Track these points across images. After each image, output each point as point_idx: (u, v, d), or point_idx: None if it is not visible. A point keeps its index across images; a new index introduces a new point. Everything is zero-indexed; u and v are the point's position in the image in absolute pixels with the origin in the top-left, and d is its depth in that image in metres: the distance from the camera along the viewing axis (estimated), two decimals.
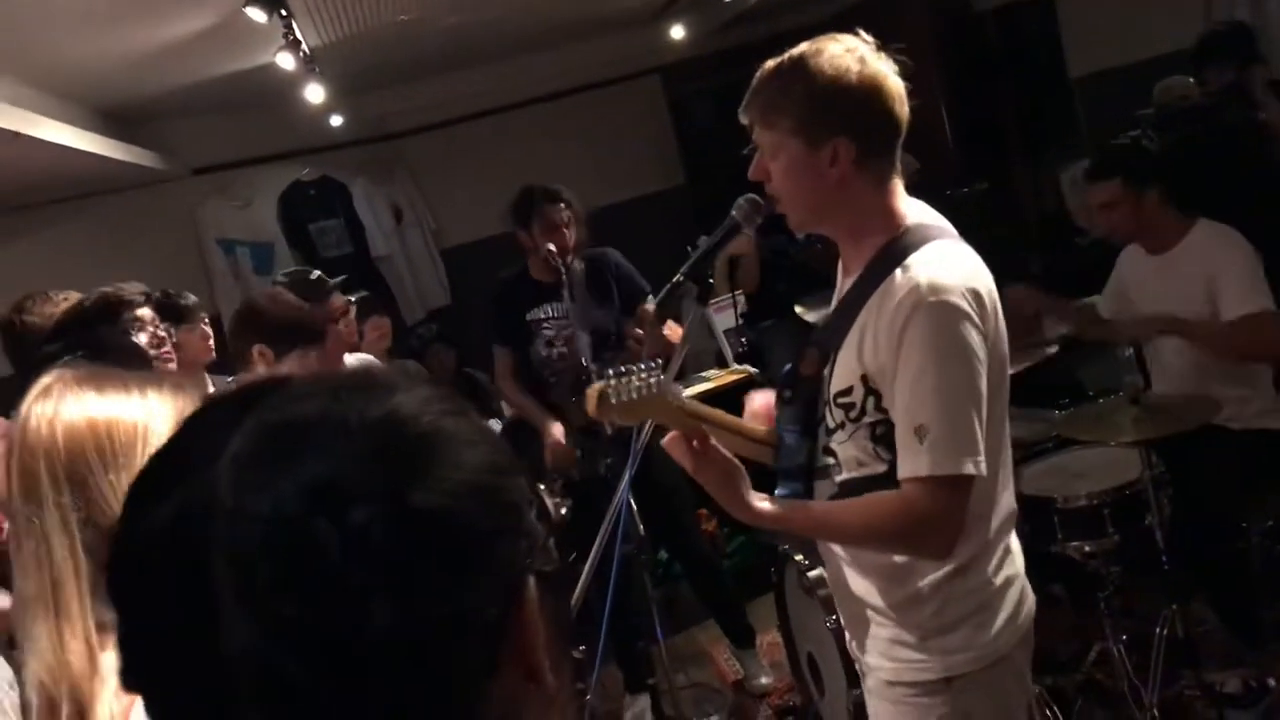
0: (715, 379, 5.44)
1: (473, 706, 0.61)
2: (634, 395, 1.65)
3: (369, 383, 0.64)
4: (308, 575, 0.55)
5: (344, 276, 3.87)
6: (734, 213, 1.88)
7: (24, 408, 1.30)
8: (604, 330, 4.02)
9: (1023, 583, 1.87)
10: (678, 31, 6.18)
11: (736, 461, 1.76)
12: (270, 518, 0.56)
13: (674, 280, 1.87)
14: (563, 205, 4.03)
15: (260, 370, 3.03)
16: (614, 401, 1.65)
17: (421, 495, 0.59)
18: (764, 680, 4.14)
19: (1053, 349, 3.77)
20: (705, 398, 1.93)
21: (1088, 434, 3.12)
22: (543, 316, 4.11)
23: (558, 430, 3.91)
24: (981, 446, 1.64)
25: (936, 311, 1.62)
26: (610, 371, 1.67)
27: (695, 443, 1.74)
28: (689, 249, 1.89)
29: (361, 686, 0.56)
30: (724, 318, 5.66)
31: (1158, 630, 3.01)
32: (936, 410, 1.62)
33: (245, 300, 3.13)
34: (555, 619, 0.68)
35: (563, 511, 3.18)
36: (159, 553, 0.59)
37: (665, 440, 1.78)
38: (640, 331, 3.88)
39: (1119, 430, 2.94)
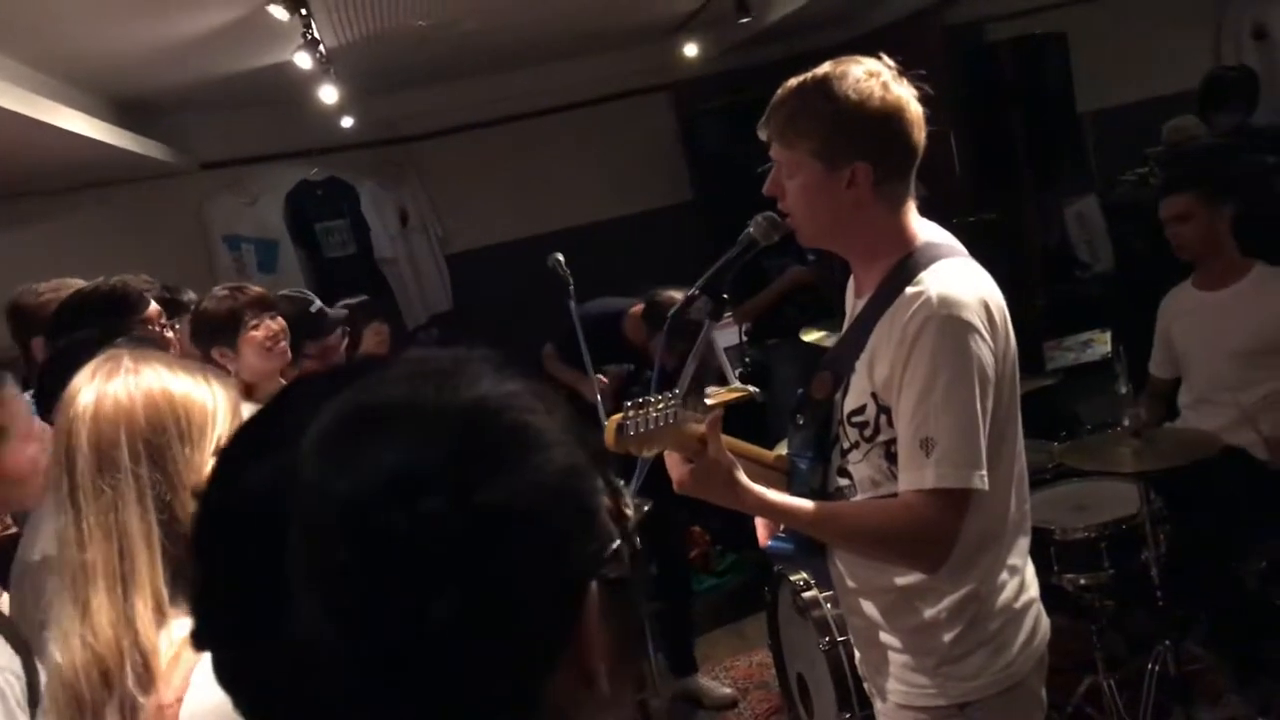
0: (716, 396, 5.41)
1: (526, 704, 0.61)
2: (651, 426, 1.64)
3: (459, 370, 0.64)
4: (376, 560, 0.56)
5: (345, 312, 3.80)
6: (751, 229, 1.89)
7: (85, 382, 1.32)
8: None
9: (1038, 607, 1.87)
10: (691, 49, 6.20)
11: (731, 457, 1.74)
12: (347, 499, 0.57)
13: (689, 293, 1.87)
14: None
15: (230, 370, 3.03)
16: (632, 433, 1.63)
17: (491, 492, 0.58)
18: (726, 690, 4.19)
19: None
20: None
21: (1088, 464, 3.13)
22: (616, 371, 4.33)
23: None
24: (985, 461, 1.65)
25: (947, 325, 1.63)
26: (627, 404, 1.65)
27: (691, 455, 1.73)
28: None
29: (418, 675, 0.56)
30: (726, 335, 5.66)
31: (1149, 666, 3.02)
32: (945, 423, 1.62)
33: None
34: (621, 626, 0.67)
35: (644, 509, 3.15)
36: (241, 518, 0.60)
37: (667, 459, 1.77)
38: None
39: (1119, 461, 2.95)
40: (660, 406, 1.64)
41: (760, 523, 2.00)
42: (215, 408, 1.34)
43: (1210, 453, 2.94)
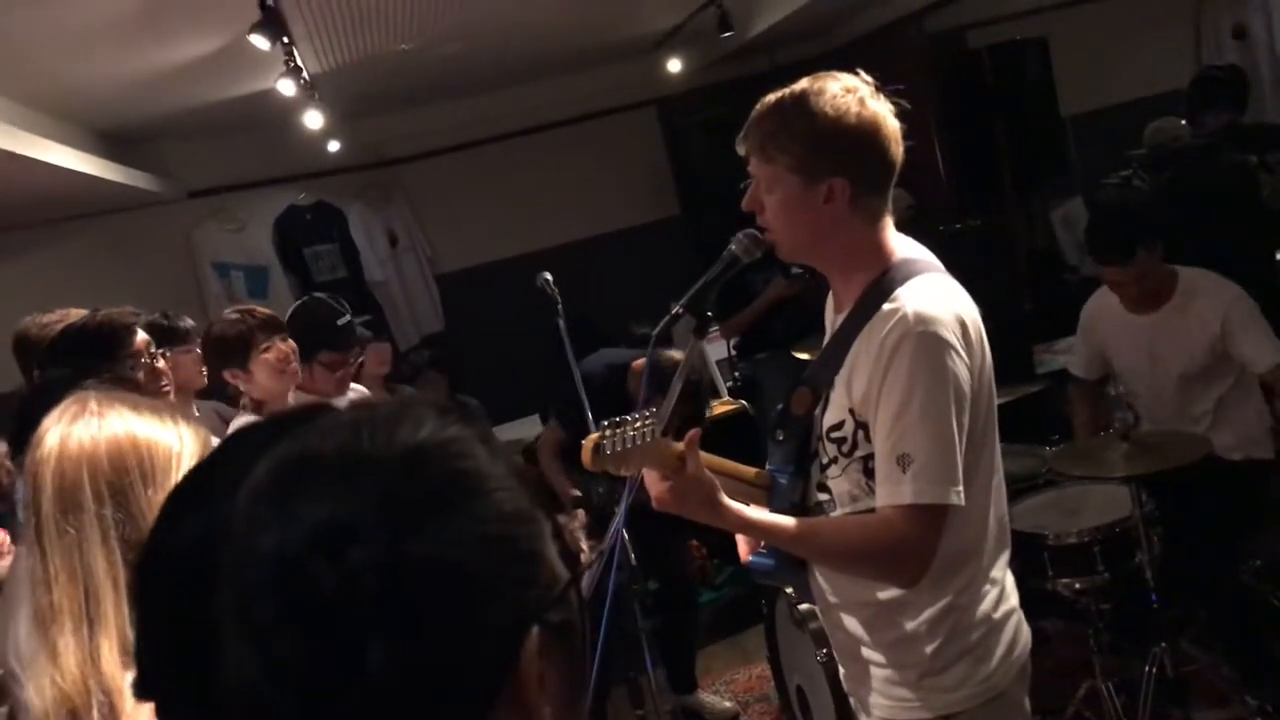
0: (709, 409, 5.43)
1: None
2: (629, 445, 1.64)
3: (400, 417, 0.63)
4: (303, 615, 0.56)
5: (370, 334, 3.79)
6: (733, 246, 1.89)
7: (52, 424, 1.33)
8: None
9: (1018, 617, 1.87)
10: (675, 64, 6.23)
11: (710, 475, 1.75)
12: (274, 556, 0.56)
13: (673, 312, 1.88)
14: None
15: (242, 389, 3.08)
16: (609, 452, 1.63)
17: (422, 543, 0.58)
18: (727, 704, 4.17)
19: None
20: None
21: (1079, 469, 3.14)
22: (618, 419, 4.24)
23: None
24: (961, 477, 1.65)
25: (923, 342, 1.64)
26: (605, 422, 1.65)
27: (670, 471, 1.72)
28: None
29: None
30: (716, 349, 5.67)
31: (1146, 669, 3.02)
32: (922, 440, 1.63)
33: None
34: (566, 667, 0.66)
35: (599, 551, 3.17)
36: (175, 570, 0.61)
37: (646, 476, 1.77)
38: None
39: (1110, 466, 2.95)
40: (638, 425, 1.64)
41: (742, 539, 2.00)
42: (181, 449, 1.34)
43: (1200, 455, 2.94)
